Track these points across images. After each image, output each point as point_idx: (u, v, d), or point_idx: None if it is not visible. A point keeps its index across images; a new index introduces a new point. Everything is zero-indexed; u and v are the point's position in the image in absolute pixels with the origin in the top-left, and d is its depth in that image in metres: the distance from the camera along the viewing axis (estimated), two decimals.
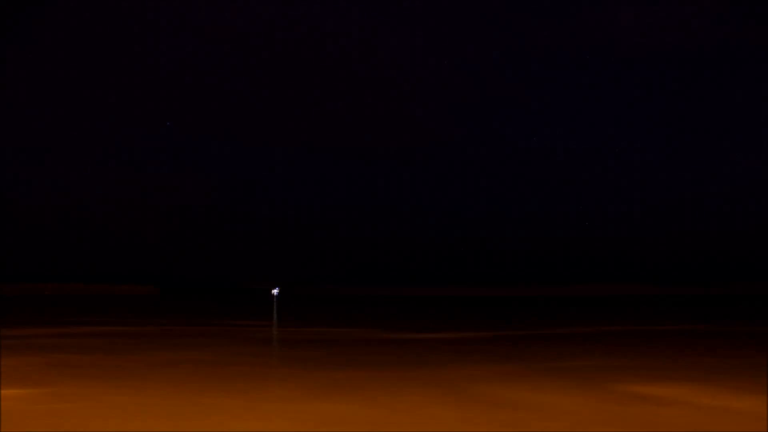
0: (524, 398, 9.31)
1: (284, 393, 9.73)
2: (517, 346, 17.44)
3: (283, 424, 7.55)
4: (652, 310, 45.95)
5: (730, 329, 24.74)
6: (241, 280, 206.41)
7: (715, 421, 7.72)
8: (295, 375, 11.64)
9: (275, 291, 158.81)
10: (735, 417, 7.96)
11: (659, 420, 7.77)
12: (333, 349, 16.43)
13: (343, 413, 8.12)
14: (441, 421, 7.72)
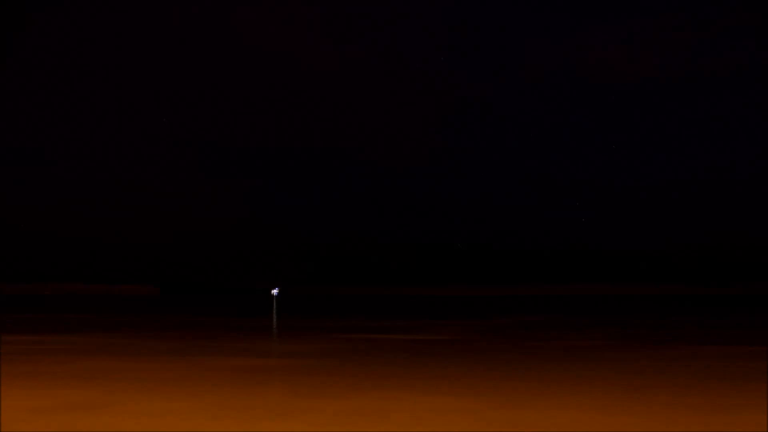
0: None
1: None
2: None
3: None
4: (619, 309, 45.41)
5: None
6: (240, 280, 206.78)
7: None
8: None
9: (275, 291, 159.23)
10: None
11: None
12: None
13: None
14: None
